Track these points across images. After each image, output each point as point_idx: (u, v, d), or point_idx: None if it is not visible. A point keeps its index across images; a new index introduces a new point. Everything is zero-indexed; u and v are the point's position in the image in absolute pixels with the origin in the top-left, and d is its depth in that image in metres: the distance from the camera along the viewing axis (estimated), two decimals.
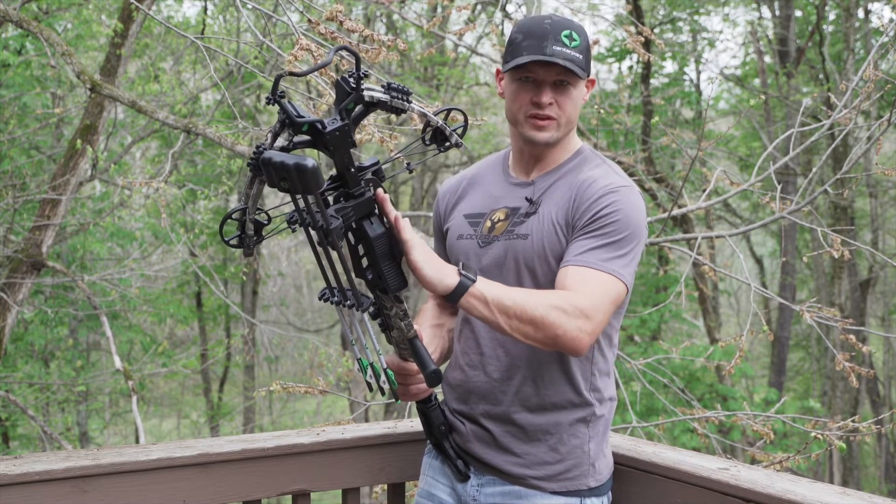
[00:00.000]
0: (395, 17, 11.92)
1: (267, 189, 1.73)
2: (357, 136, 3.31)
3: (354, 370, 1.90)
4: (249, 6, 4.18)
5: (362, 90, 1.72)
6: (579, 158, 2.08)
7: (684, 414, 4.53)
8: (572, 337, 1.84)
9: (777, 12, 13.24)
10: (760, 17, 14.60)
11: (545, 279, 1.98)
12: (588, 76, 2.02)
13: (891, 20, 4.04)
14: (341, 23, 3.01)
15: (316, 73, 3.19)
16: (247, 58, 7.85)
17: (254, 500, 2.25)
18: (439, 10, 6.79)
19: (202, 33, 9.26)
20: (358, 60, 1.73)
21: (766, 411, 4.99)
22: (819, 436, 3.65)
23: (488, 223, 2.07)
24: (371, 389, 1.86)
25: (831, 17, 13.65)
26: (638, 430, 4.58)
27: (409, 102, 1.81)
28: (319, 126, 1.67)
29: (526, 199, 2.03)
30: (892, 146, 13.04)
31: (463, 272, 1.80)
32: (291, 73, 1.75)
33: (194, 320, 14.18)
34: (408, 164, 1.89)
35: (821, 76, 13.11)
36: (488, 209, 2.08)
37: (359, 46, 3.17)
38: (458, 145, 1.92)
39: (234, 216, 1.75)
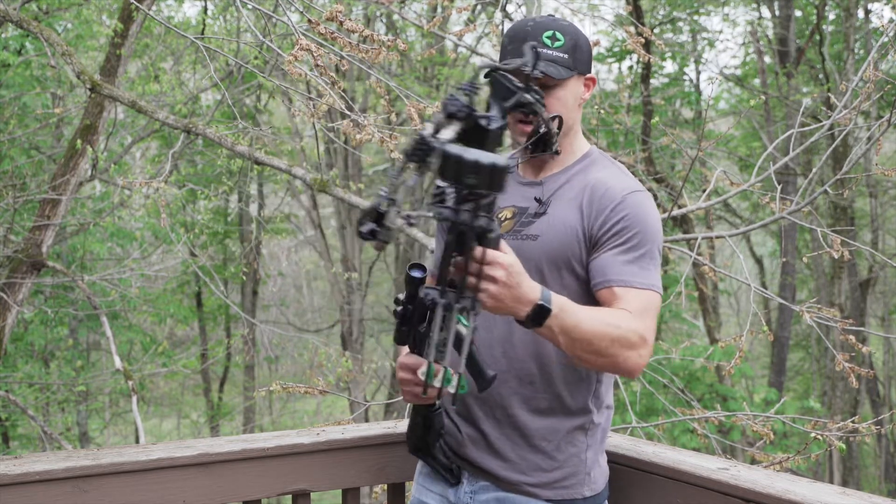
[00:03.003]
0: (395, 17, 11.92)
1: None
2: (357, 137, 3.32)
3: (420, 372, 1.77)
4: (249, 6, 4.18)
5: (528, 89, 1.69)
6: (588, 160, 2.06)
7: (684, 414, 4.53)
8: (632, 364, 1.86)
9: (777, 12, 13.25)
10: (760, 17, 14.61)
11: (551, 280, 1.96)
12: (576, 73, 1.98)
13: (891, 20, 4.04)
14: (341, 23, 3.01)
15: (315, 73, 3.19)
16: (247, 58, 7.85)
17: (254, 500, 2.25)
18: (439, 10, 6.79)
19: (202, 33, 9.26)
20: (536, 56, 1.71)
21: (766, 411, 5.00)
22: (819, 436, 3.65)
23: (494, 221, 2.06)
24: (428, 393, 1.74)
25: (831, 17, 13.65)
26: (638, 430, 4.58)
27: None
28: (484, 122, 1.60)
29: (535, 199, 2.02)
30: (892, 146, 13.05)
31: (541, 301, 1.73)
32: (496, 68, 1.67)
33: (194, 320, 14.19)
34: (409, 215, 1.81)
35: (821, 76, 13.11)
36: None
37: (359, 47, 3.17)
38: (556, 153, 1.95)
39: (381, 208, 1.58)
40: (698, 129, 11.92)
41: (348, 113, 3.36)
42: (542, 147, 1.94)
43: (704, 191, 4.61)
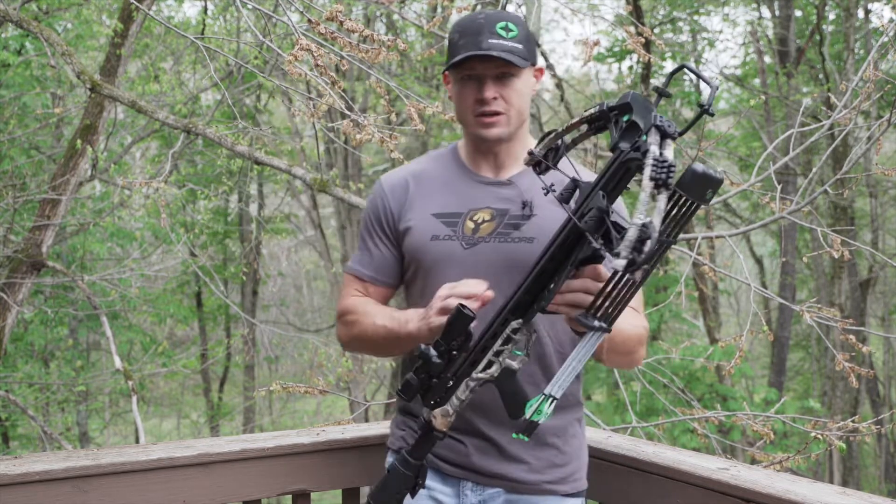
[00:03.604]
0: (395, 17, 11.92)
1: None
2: (357, 137, 3.32)
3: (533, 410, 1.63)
4: (249, 6, 4.18)
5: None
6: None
7: (684, 414, 4.53)
8: (642, 358, 2.00)
9: (777, 12, 13.25)
10: (760, 17, 14.61)
11: None
12: (532, 64, 1.97)
13: (891, 20, 4.04)
14: (341, 23, 3.01)
15: (315, 73, 3.19)
16: (247, 58, 7.85)
17: (254, 500, 2.25)
18: (439, 10, 6.79)
19: (202, 33, 9.25)
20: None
21: (766, 411, 4.99)
22: (819, 436, 3.65)
23: (470, 224, 1.98)
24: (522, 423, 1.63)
25: (831, 17, 13.65)
26: (638, 430, 4.58)
27: None
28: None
29: (525, 202, 1.99)
30: (892, 146, 13.04)
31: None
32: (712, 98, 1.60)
33: (194, 320, 14.18)
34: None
35: (821, 76, 13.11)
36: (465, 209, 2.00)
37: (359, 46, 3.17)
38: (552, 167, 1.77)
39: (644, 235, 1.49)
40: (698, 128, 11.92)
41: (348, 113, 3.36)
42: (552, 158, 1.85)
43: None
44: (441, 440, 1.84)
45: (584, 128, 1.72)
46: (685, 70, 1.76)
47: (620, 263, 1.46)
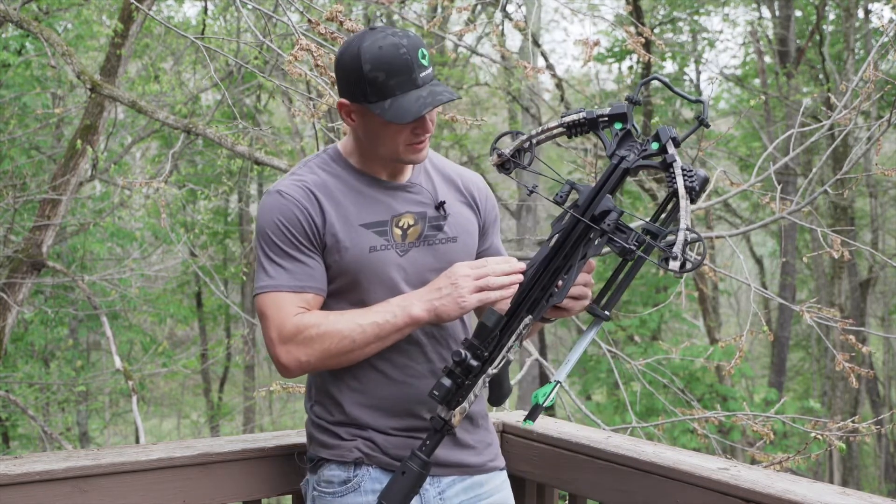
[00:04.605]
0: (395, 17, 11.92)
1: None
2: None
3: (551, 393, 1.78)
4: (249, 6, 4.18)
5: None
6: None
7: (684, 414, 4.53)
8: None
9: (777, 12, 13.25)
10: (760, 17, 14.61)
11: None
12: None
13: (891, 20, 4.04)
14: (341, 23, 3.01)
15: (315, 73, 3.19)
16: (247, 58, 7.84)
17: (254, 500, 2.25)
18: (439, 10, 6.80)
19: (202, 33, 9.25)
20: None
21: (766, 411, 5.00)
22: (819, 436, 3.65)
23: (398, 231, 1.98)
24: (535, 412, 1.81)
25: (831, 17, 13.66)
26: (638, 430, 4.58)
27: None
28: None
29: (440, 203, 2.02)
30: (892, 146, 13.04)
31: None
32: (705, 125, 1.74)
33: (194, 320, 14.19)
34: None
35: (821, 76, 13.12)
36: (388, 216, 1.99)
37: None
38: (526, 166, 1.93)
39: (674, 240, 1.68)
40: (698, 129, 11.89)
41: None
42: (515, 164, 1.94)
43: (704, 191, 4.61)
44: (453, 436, 1.98)
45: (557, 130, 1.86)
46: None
47: (676, 265, 1.63)
